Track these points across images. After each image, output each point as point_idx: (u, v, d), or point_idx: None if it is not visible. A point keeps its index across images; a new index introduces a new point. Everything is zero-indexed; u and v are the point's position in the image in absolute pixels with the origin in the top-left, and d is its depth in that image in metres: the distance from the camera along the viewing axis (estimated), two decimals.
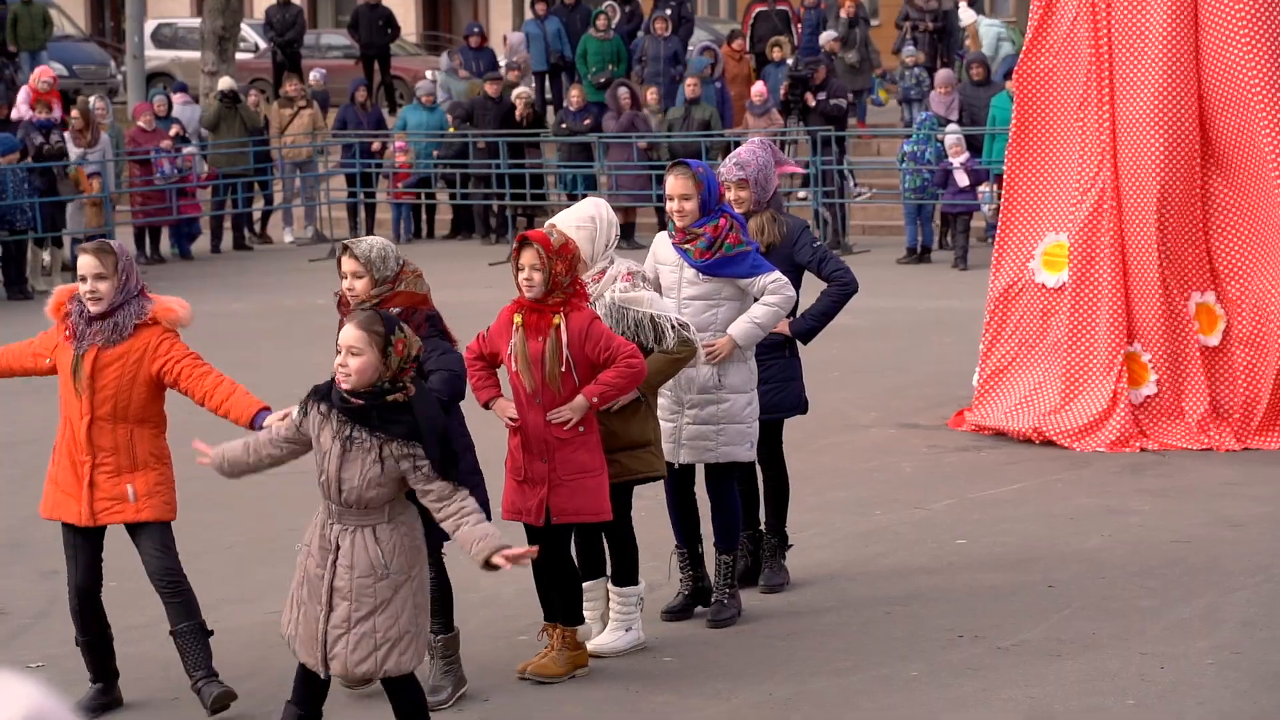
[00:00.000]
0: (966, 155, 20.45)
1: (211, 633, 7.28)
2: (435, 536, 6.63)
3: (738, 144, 23.03)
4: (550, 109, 26.81)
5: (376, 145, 24.21)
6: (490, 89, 23.64)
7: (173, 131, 22.61)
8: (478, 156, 23.09)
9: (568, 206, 8.61)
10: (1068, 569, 8.99)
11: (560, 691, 7.44)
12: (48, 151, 20.23)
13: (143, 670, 7.56)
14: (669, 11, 25.99)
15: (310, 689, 6.45)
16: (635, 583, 7.86)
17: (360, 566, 6.17)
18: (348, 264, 7.02)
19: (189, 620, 7.18)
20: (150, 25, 33.03)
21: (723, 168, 8.61)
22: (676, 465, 8.12)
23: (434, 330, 7.04)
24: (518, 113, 23.18)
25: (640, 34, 26.31)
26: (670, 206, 8.13)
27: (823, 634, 8.08)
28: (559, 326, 7.22)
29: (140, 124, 22.45)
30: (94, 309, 6.97)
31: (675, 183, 8.08)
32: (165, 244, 22.81)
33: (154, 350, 7.00)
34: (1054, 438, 11.66)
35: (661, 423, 7.97)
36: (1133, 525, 9.83)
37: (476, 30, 28.15)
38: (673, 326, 7.62)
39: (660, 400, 7.99)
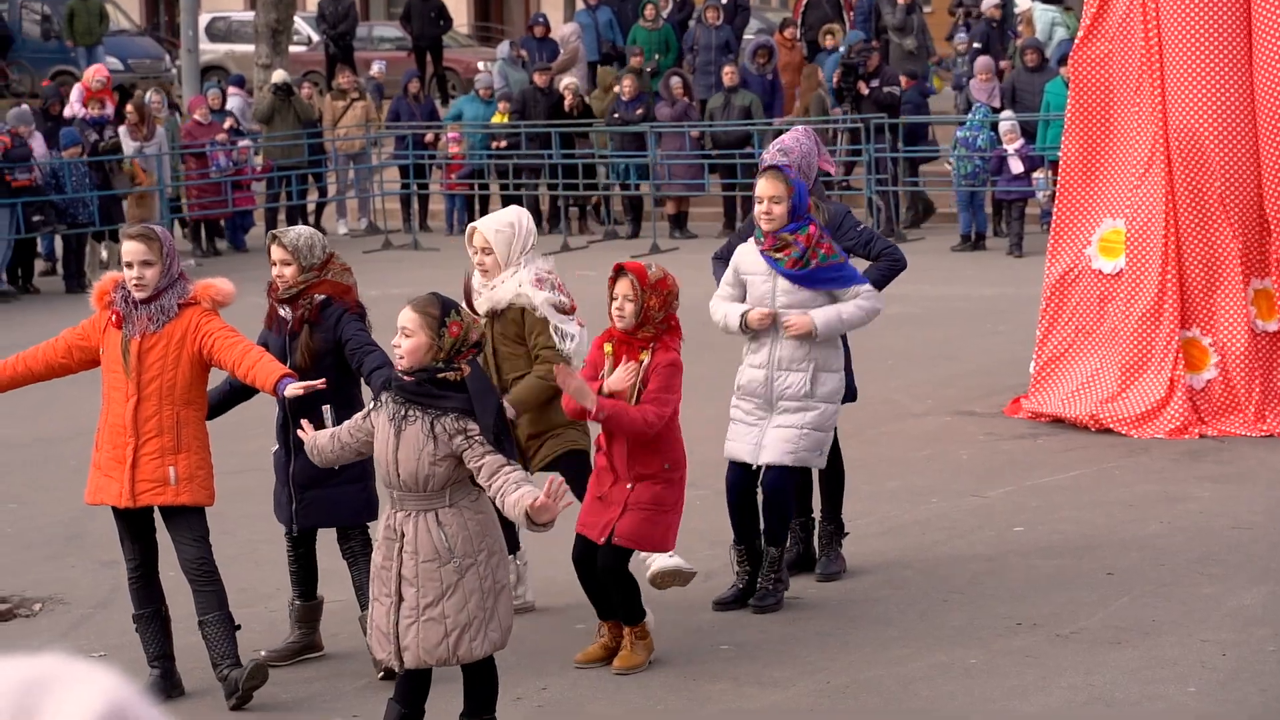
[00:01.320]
0: (1021, 142, 20.34)
1: (239, 626, 7.32)
2: None
3: (781, 133, 23.16)
4: None
5: (430, 137, 24.26)
6: (539, 79, 23.65)
7: (227, 125, 22.72)
8: (529, 147, 23.12)
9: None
10: (1127, 556, 8.94)
11: (617, 680, 7.45)
12: (102, 148, 20.37)
13: (202, 658, 7.59)
14: (725, 0, 25.93)
15: (411, 685, 6.41)
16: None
17: (424, 551, 6.18)
18: (276, 252, 7.42)
19: (217, 610, 7.23)
20: (205, 19, 33.20)
21: (766, 153, 8.61)
22: (754, 466, 8.13)
23: (360, 323, 7.37)
24: (566, 103, 23.18)
25: (692, 23, 26.26)
26: (758, 209, 8.08)
27: (880, 622, 8.06)
28: (644, 364, 7.26)
29: (195, 117, 22.56)
30: (139, 295, 7.05)
31: (766, 185, 8.03)
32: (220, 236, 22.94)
33: (195, 328, 7.08)
34: (1111, 425, 11.59)
35: (744, 426, 8.08)
36: (1192, 512, 9.76)
37: (541, 20, 28.09)
38: (554, 329, 7.87)
39: (744, 404, 8.08)
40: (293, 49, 30.09)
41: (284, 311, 7.45)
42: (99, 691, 1.76)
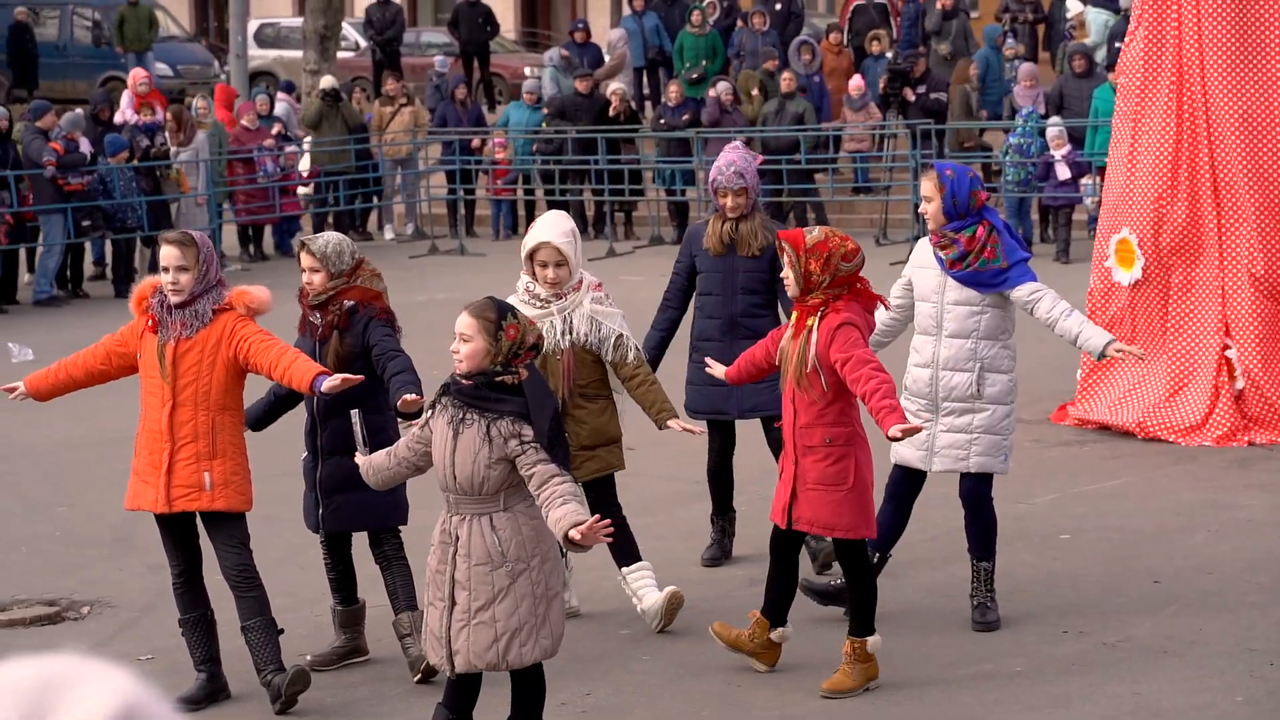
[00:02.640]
0: (1069, 148, 20.27)
1: (282, 630, 7.35)
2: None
3: (837, 139, 23.18)
4: (649, 104, 26.82)
5: (476, 142, 24.32)
6: (581, 85, 23.68)
7: (275, 130, 22.83)
8: (574, 153, 23.15)
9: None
10: (1174, 564, 8.89)
11: (661, 686, 7.45)
12: (154, 154, 20.49)
13: (247, 662, 7.62)
14: (778, 6, 25.91)
15: (460, 691, 6.40)
16: (639, 559, 8.17)
17: (477, 555, 6.16)
18: (305, 259, 7.46)
19: (260, 616, 7.25)
20: (253, 25, 33.36)
21: (721, 175, 8.62)
22: (929, 471, 8.06)
23: (388, 329, 7.42)
24: (612, 109, 23.21)
25: (738, 28, 26.25)
26: (921, 207, 8.24)
27: (924, 629, 8.03)
28: (811, 328, 7.09)
29: (243, 123, 22.68)
30: (175, 299, 7.09)
31: (922, 185, 8.13)
32: (268, 241, 23.06)
33: (230, 333, 7.10)
34: (1158, 433, 11.53)
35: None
36: (1240, 520, 9.70)
37: (581, 25, 28.15)
38: (635, 348, 7.98)
39: (911, 405, 7.89)
40: (341, 55, 30.21)
41: (314, 317, 7.52)
42: (113, 691, 1.78)
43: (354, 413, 7.40)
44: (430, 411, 6.36)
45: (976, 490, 8.02)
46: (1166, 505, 10.05)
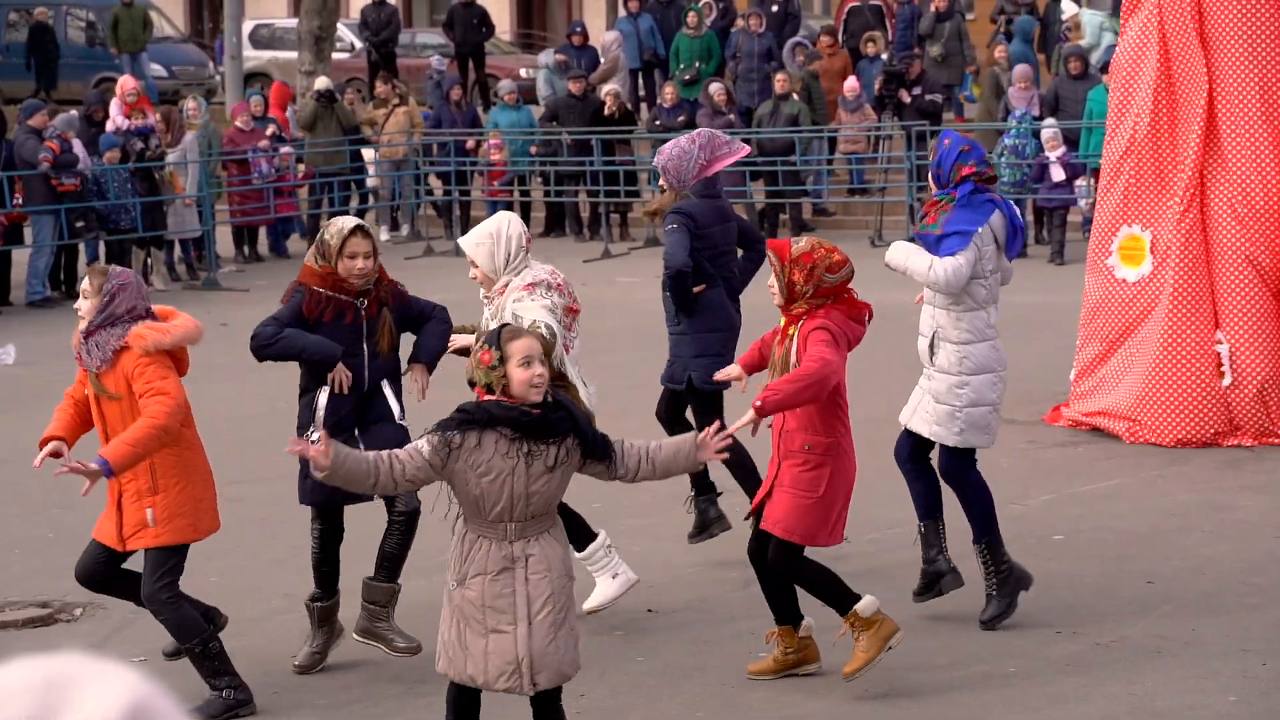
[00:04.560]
0: (1063, 149, 20.29)
1: (222, 625, 7.33)
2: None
3: (833, 140, 23.20)
4: (644, 106, 26.82)
5: (471, 143, 24.32)
6: (574, 87, 23.69)
7: (269, 131, 22.82)
8: (567, 154, 23.15)
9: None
10: (1168, 565, 8.90)
11: (658, 687, 7.45)
12: (150, 156, 20.47)
13: (239, 664, 7.62)
14: (775, 8, 25.91)
15: (541, 712, 6.26)
16: (594, 537, 8.22)
17: (555, 568, 6.06)
18: (364, 244, 7.54)
19: (176, 646, 7.34)
20: (248, 26, 33.35)
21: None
22: (904, 425, 8.24)
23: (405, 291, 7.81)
24: (607, 109, 23.21)
25: (735, 29, 26.26)
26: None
27: (919, 630, 8.03)
28: (793, 336, 7.20)
29: (237, 124, 22.67)
30: (80, 325, 7.14)
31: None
32: (263, 242, 23.04)
33: (132, 374, 7.04)
34: (1149, 434, 11.53)
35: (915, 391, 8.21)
36: (1235, 521, 9.71)
37: (579, 29, 28.15)
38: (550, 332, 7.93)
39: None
40: (336, 56, 30.20)
41: (359, 301, 7.57)
42: (121, 689, 1.78)
43: (384, 383, 7.58)
44: (444, 450, 5.93)
45: (945, 465, 8.15)
46: (1161, 506, 10.06)
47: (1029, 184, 20.59)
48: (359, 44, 32.86)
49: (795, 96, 22.58)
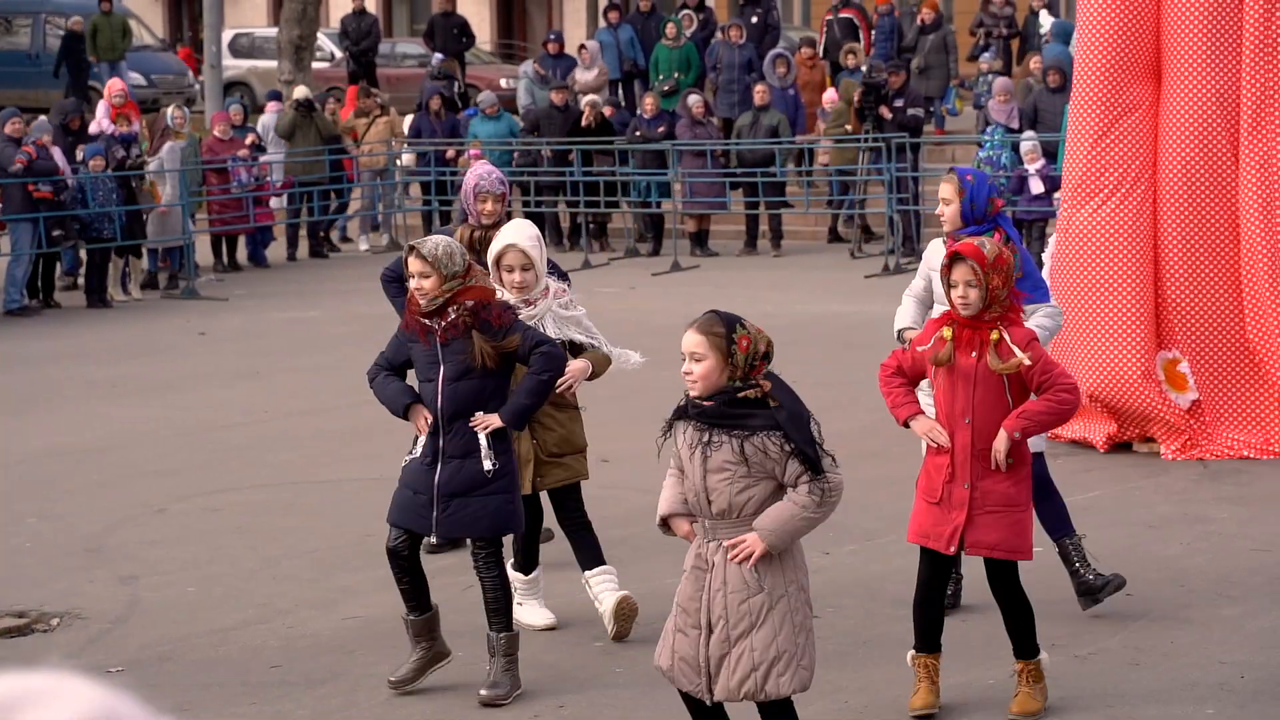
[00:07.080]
0: (1042, 162, 20.34)
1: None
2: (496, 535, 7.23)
3: (812, 152, 23.22)
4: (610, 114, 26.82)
5: (451, 153, 24.31)
6: (556, 98, 23.69)
7: (249, 140, 22.79)
8: (547, 165, 23.16)
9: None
10: (1146, 577, 8.91)
11: (635, 699, 7.43)
12: (130, 164, 20.43)
13: (217, 673, 7.61)
14: (755, 19, 25.93)
15: (703, 715, 6.18)
16: (604, 563, 8.26)
17: (734, 583, 5.88)
18: (415, 264, 7.16)
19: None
20: (228, 35, 33.31)
21: (486, 181, 8.47)
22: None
23: (515, 316, 7.35)
24: (584, 119, 23.22)
25: (714, 40, 26.28)
26: (938, 210, 8.29)
27: (898, 643, 8.02)
28: (999, 341, 6.84)
29: (216, 133, 22.63)
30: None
31: (941, 187, 8.18)
32: (242, 252, 23.00)
33: None
34: (1116, 440, 11.59)
35: None
36: (1212, 533, 9.73)
37: (554, 37, 28.18)
38: (596, 344, 8.06)
39: (927, 399, 7.65)
40: (315, 65, 30.19)
41: (431, 322, 7.24)
42: (78, 709, 1.76)
43: (481, 434, 7.25)
44: (663, 436, 5.98)
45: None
46: (1139, 518, 10.07)
47: (1007, 195, 20.62)
48: (339, 53, 32.83)
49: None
